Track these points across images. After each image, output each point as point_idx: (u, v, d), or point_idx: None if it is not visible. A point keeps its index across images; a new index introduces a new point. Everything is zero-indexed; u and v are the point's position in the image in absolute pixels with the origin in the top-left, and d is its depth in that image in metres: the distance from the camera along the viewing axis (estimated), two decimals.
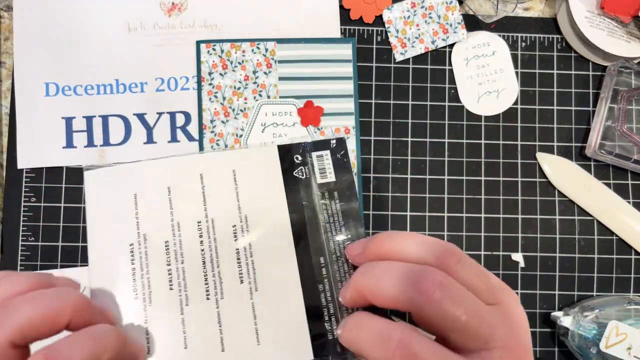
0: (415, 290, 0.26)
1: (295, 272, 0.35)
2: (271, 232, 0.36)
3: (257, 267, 0.35)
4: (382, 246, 0.29)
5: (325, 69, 0.51)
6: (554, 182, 0.51)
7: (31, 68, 0.50)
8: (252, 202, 0.37)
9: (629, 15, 0.49)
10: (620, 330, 0.46)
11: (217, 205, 0.37)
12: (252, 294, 0.35)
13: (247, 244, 0.36)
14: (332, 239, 0.36)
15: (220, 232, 0.36)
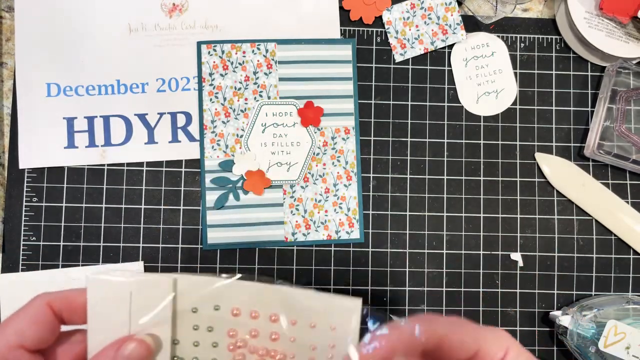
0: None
1: None
2: None
3: None
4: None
5: (325, 69, 0.51)
6: (553, 182, 0.51)
7: (32, 69, 0.50)
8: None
9: (627, 16, 0.49)
10: (619, 329, 0.46)
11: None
12: None
13: None
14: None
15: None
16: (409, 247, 0.50)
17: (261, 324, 0.35)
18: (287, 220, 0.50)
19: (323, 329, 0.34)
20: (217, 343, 0.34)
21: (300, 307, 0.34)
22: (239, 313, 0.34)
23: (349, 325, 0.33)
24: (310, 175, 0.50)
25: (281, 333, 0.34)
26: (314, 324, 0.34)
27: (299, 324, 0.34)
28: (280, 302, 0.34)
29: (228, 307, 0.35)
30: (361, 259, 0.50)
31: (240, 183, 0.50)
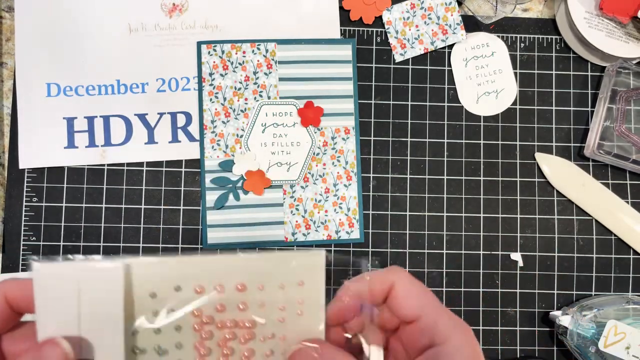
0: None
1: None
2: None
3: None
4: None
5: (325, 69, 0.51)
6: (553, 182, 0.51)
7: (32, 68, 0.50)
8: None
9: (627, 16, 0.49)
10: (619, 329, 0.46)
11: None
12: None
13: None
14: None
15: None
16: (409, 247, 0.50)
17: (228, 296, 0.33)
18: (287, 220, 0.50)
19: (291, 287, 0.33)
20: (181, 326, 0.33)
21: (265, 270, 0.33)
22: (202, 290, 0.33)
23: (315, 278, 0.33)
24: (310, 175, 0.50)
25: (249, 301, 0.33)
26: (282, 284, 0.33)
27: (267, 287, 0.33)
28: (245, 270, 0.33)
29: (190, 286, 0.33)
30: (361, 259, 0.50)
31: (240, 183, 0.50)
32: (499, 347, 0.50)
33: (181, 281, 0.33)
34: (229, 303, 0.34)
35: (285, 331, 0.34)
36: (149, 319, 0.32)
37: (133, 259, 0.31)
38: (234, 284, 0.33)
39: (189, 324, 0.33)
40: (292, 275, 0.33)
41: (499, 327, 0.50)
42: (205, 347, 0.33)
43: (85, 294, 0.30)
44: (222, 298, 0.33)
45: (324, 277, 0.33)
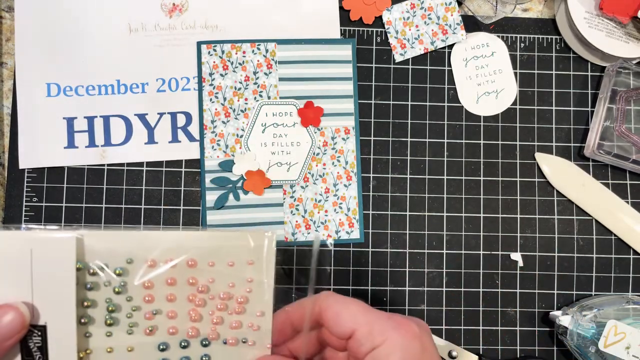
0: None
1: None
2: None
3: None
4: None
5: (325, 69, 0.51)
6: (553, 182, 0.51)
7: (32, 69, 0.50)
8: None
9: (627, 16, 0.49)
10: (619, 329, 0.46)
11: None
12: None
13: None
14: None
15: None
16: (409, 247, 0.50)
17: (179, 271, 0.34)
18: (287, 220, 0.50)
19: (241, 265, 0.34)
20: (132, 297, 0.34)
21: (216, 248, 0.34)
22: (154, 264, 0.34)
23: (265, 257, 0.34)
24: (310, 175, 0.50)
25: (199, 277, 0.34)
26: (231, 262, 0.34)
27: (217, 264, 0.34)
28: (196, 247, 0.34)
29: (142, 259, 0.34)
30: (361, 259, 0.50)
31: (240, 183, 0.50)
32: (499, 347, 0.50)
33: (134, 254, 0.33)
34: (179, 277, 0.34)
35: (234, 308, 0.34)
36: (100, 290, 0.33)
37: (87, 230, 0.32)
38: (185, 259, 0.34)
39: (139, 296, 0.34)
40: (243, 253, 0.34)
41: (499, 327, 0.50)
42: (154, 318, 0.34)
43: (39, 262, 0.31)
44: (173, 272, 0.34)
45: (274, 257, 0.34)
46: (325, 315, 0.29)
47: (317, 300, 0.30)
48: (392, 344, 0.27)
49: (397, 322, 0.28)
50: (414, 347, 0.27)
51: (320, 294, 0.30)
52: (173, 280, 0.34)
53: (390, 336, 0.27)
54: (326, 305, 0.29)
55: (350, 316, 0.28)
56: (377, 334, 0.27)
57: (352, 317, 0.28)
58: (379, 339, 0.27)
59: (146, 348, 0.34)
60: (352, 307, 0.28)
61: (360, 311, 0.28)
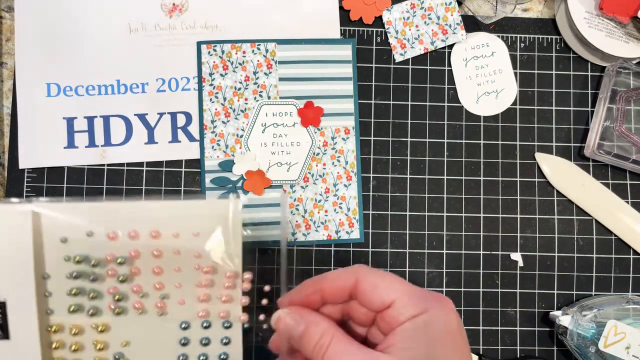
0: None
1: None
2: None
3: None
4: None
5: (325, 69, 0.51)
6: (553, 182, 0.51)
7: (32, 69, 0.50)
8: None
9: (627, 16, 0.49)
10: (619, 329, 0.46)
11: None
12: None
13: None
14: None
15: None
16: (409, 247, 0.50)
17: (142, 242, 0.33)
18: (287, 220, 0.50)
19: (206, 234, 0.33)
20: (94, 271, 0.33)
21: (181, 218, 0.33)
22: (116, 236, 0.33)
23: (229, 225, 0.33)
24: (310, 175, 0.50)
25: (164, 248, 0.33)
26: (196, 232, 0.33)
27: (182, 235, 0.33)
28: (160, 217, 0.33)
29: (102, 232, 0.33)
30: (361, 259, 0.50)
31: (240, 183, 0.50)
32: (499, 347, 0.50)
33: (93, 227, 0.32)
34: (143, 249, 0.33)
35: (201, 280, 0.33)
36: (60, 264, 0.32)
37: (44, 203, 0.31)
38: (148, 230, 0.33)
39: (102, 270, 0.33)
40: (206, 223, 0.33)
41: (499, 327, 0.50)
42: (119, 293, 0.33)
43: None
44: (136, 244, 0.33)
45: (239, 225, 0.33)
46: (361, 286, 0.29)
47: (352, 271, 0.30)
48: (434, 313, 0.27)
49: (435, 296, 0.28)
50: (452, 320, 0.28)
51: (353, 266, 0.30)
52: (136, 252, 0.33)
53: (431, 307, 0.27)
54: (362, 277, 0.29)
55: (389, 286, 0.28)
56: (417, 303, 0.27)
57: (390, 287, 0.28)
58: (420, 307, 0.27)
59: (111, 325, 0.33)
60: (387, 278, 0.29)
61: (398, 282, 0.29)
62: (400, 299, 0.28)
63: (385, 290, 0.28)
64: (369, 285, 0.29)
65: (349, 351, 0.27)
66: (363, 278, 0.29)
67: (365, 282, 0.29)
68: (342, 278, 0.30)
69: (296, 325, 0.29)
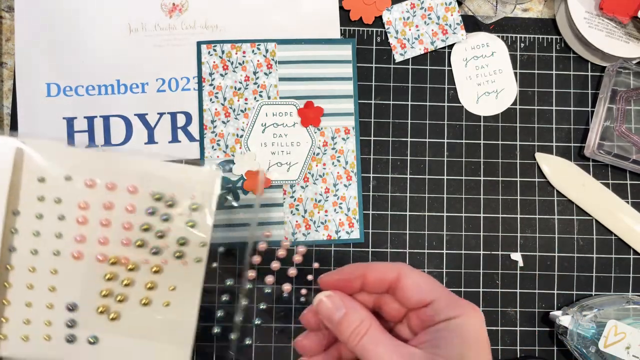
0: None
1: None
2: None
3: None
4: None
5: (325, 69, 0.51)
6: (553, 182, 0.51)
7: (32, 68, 0.50)
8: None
9: (627, 16, 0.49)
10: (619, 329, 0.46)
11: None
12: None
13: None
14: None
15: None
16: (409, 247, 0.50)
17: (118, 195, 0.33)
18: (287, 220, 0.50)
19: (184, 198, 0.34)
20: (65, 216, 0.33)
21: (160, 178, 0.34)
22: (94, 184, 0.33)
23: (208, 192, 0.34)
24: (310, 175, 0.50)
25: (137, 205, 0.33)
26: (174, 193, 0.34)
27: (158, 194, 0.34)
28: (141, 175, 0.34)
29: (81, 178, 0.33)
30: (361, 259, 0.50)
31: (240, 183, 0.50)
32: (499, 347, 0.50)
33: (73, 172, 0.33)
34: (118, 202, 0.33)
35: (170, 240, 0.34)
36: (32, 203, 0.32)
37: (29, 139, 0.31)
38: (126, 185, 0.33)
39: (73, 216, 0.33)
40: (186, 186, 0.34)
41: (499, 327, 0.50)
42: (86, 241, 0.33)
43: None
44: (112, 196, 0.33)
45: (216, 193, 0.34)
46: (403, 281, 0.30)
47: (396, 267, 0.31)
48: (467, 319, 0.29)
49: (469, 303, 0.30)
50: (483, 328, 0.29)
51: (397, 263, 0.32)
52: (111, 204, 0.33)
53: (467, 312, 0.29)
54: (405, 273, 0.31)
55: (430, 287, 0.30)
56: (454, 307, 0.29)
57: (432, 288, 0.30)
58: (456, 311, 0.29)
59: (71, 273, 0.33)
60: (429, 279, 0.30)
61: (437, 284, 0.30)
62: (439, 301, 0.29)
63: (426, 290, 0.30)
64: (412, 283, 0.30)
65: (383, 342, 0.29)
66: (406, 275, 0.30)
67: (408, 278, 0.30)
68: (387, 270, 0.31)
69: (336, 310, 0.30)
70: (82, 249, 0.33)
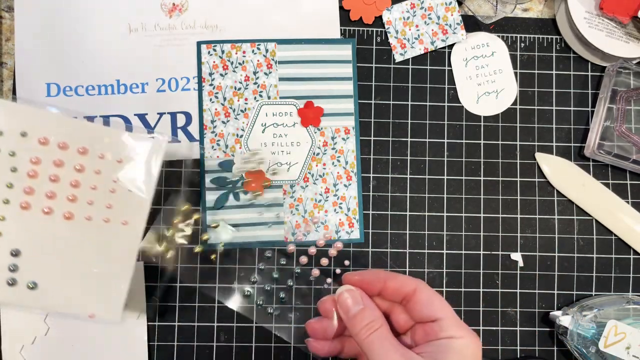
0: None
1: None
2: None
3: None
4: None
5: (325, 69, 0.51)
6: (553, 182, 0.51)
7: (32, 68, 0.50)
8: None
9: (627, 16, 0.49)
10: (619, 329, 0.46)
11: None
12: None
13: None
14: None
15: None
16: (409, 247, 0.50)
17: (68, 154, 0.38)
18: (287, 220, 0.50)
19: (128, 161, 0.39)
20: (17, 168, 0.37)
21: (111, 144, 0.39)
22: (47, 142, 0.37)
23: (146, 158, 0.40)
24: (310, 175, 0.50)
25: (86, 165, 0.38)
26: (120, 158, 0.39)
27: (107, 157, 0.39)
28: (92, 138, 0.38)
29: (35, 135, 0.37)
30: (361, 259, 0.50)
31: (240, 183, 0.50)
32: (499, 347, 0.50)
33: (29, 129, 0.37)
34: (67, 161, 0.38)
35: (112, 200, 0.39)
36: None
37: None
38: (77, 146, 0.38)
39: (24, 169, 0.37)
40: (132, 152, 0.39)
41: (499, 327, 0.50)
42: (34, 193, 0.37)
43: None
44: (63, 155, 0.38)
45: (160, 159, 0.40)
46: (419, 296, 0.34)
47: (414, 281, 0.34)
48: (470, 341, 0.32)
49: (472, 330, 0.33)
50: (480, 354, 0.33)
51: (415, 278, 0.35)
52: (61, 162, 0.37)
53: (469, 336, 0.32)
54: (421, 289, 0.34)
55: (441, 306, 0.33)
56: (459, 328, 0.32)
57: (442, 307, 0.33)
58: (460, 332, 0.32)
59: (18, 222, 0.37)
60: (441, 298, 0.34)
61: (448, 305, 0.33)
62: (447, 319, 0.33)
63: (438, 307, 0.33)
64: (426, 298, 0.33)
65: (390, 341, 0.32)
66: (422, 290, 0.34)
67: (423, 294, 0.34)
68: (406, 281, 0.34)
69: (355, 304, 0.33)
70: (29, 201, 0.37)
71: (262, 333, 0.49)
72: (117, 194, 0.39)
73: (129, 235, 0.40)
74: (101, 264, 0.39)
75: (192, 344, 0.49)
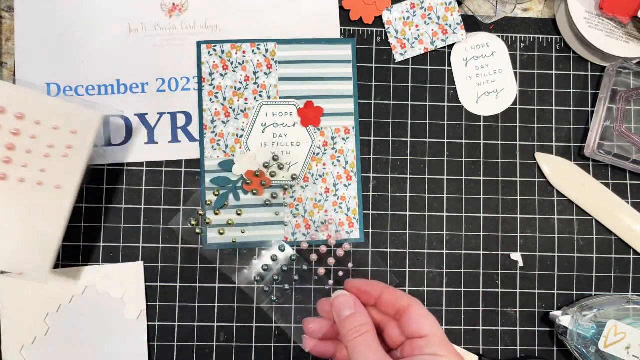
0: None
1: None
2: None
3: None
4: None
5: (325, 69, 0.51)
6: (553, 182, 0.51)
7: (32, 68, 0.50)
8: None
9: (627, 16, 0.49)
10: (619, 329, 0.46)
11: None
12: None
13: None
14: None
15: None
16: (409, 247, 0.50)
17: (5, 119, 0.41)
18: (287, 220, 0.50)
19: (63, 131, 0.43)
20: None
21: (48, 109, 0.43)
22: (3, 110, 0.42)
23: (88, 132, 0.44)
24: (310, 175, 0.50)
25: (22, 129, 0.42)
26: (56, 126, 0.43)
27: (43, 124, 0.43)
28: (30, 105, 0.42)
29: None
30: (361, 259, 0.50)
31: (240, 183, 0.50)
32: (499, 347, 0.50)
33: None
34: (3, 124, 0.42)
35: (46, 164, 0.42)
36: None
37: None
38: (15, 111, 0.42)
39: None
40: (68, 122, 0.43)
41: (499, 327, 0.50)
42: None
43: None
44: (17, 124, 0.42)
45: (94, 129, 0.44)
46: (411, 312, 0.35)
47: (409, 298, 0.36)
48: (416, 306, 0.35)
49: (458, 352, 0.34)
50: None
51: (411, 297, 0.36)
52: (17, 130, 0.41)
53: (451, 356, 0.33)
54: (415, 306, 0.35)
55: (431, 324, 0.34)
56: (444, 348, 0.34)
57: (432, 326, 0.34)
58: (444, 352, 0.33)
59: None
60: (433, 318, 0.35)
61: (438, 325, 0.35)
62: (434, 337, 0.34)
63: (428, 325, 0.34)
64: (418, 315, 0.35)
65: (374, 347, 0.33)
66: (416, 307, 0.35)
67: (416, 311, 0.35)
68: (402, 297, 0.36)
69: (347, 307, 0.35)
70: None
71: (262, 333, 0.49)
72: (51, 158, 0.42)
73: (61, 199, 0.43)
74: (32, 225, 0.42)
75: (192, 344, 0.49)
